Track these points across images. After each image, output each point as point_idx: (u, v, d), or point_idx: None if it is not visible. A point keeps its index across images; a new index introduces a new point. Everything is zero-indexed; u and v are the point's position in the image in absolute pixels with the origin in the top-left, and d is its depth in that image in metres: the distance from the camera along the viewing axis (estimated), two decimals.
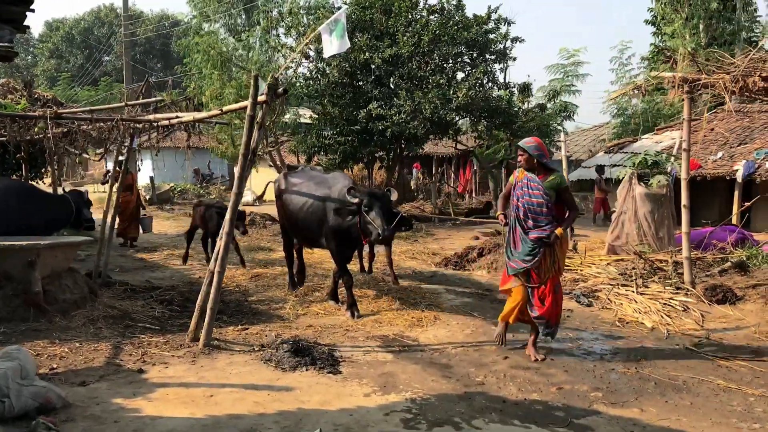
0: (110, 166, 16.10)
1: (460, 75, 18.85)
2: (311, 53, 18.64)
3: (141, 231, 14.39)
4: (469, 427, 4.70)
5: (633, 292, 8.91)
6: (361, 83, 18.66)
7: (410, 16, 18.51)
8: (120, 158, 10.38)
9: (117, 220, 11.10)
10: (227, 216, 6.71)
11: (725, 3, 26.31)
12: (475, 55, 19.06)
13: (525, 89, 21.12)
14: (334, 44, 6.84)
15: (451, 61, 18.66)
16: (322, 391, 5.30)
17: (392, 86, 18.25)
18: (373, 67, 18.19)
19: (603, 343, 7.05)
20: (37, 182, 13.48)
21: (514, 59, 19.81)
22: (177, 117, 8.57)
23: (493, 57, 19.30)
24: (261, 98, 6.60)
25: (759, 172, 16.49)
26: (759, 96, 7.99)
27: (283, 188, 8.88)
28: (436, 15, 18.83)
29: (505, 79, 20.19)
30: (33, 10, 4.24)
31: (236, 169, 6.87)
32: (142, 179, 21.46)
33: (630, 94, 21.27)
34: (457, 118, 19.05)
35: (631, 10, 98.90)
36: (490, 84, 19.34)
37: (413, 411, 4.95)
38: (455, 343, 6.83)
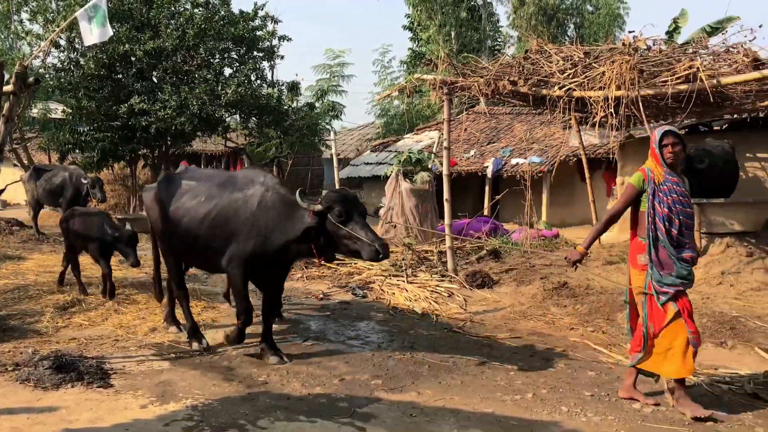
0: None
1: (228, 71, 18.49)
2: (62, 42, 17.10)
3: None
4: (255, 427, 4.62)
5: (404, 281, 9.43)
6: (120, 76, 17.48)
7: (173, 9, 17.75)
8: None
9: None
10: None
11: (473, 13, 28.93)
12: (242, 51, 18.80)
13: (293, 88, 21.24)
14: (94, 33, 6.32)
15: (218, 56, 18.23)
16: (93, 408, 4.87)
17: (156, 80, 17.36)
18: (133, 59, 17.12)
19: (379, 333, 7.34)
20: None
21: (282, 57, 19.83)
22: None
23: (261, 54, 19.19)
24: (7, 88, 5.92)
25: (505, 168, 18.34)
26: (507, 98, 8.84)
27: (167, 195, 6.61)
28: (201, 9, 18.25)
29: (273, 77, 20.14)
30: None
31: None
32: None
33: (394, 96, 22.46)
34: (227, 115, 18.64)
35: (390, 16, 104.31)
36: (258, 81, 19.21)
37: (195, 418, 4.75)
38: (235, 345, 6.67)
